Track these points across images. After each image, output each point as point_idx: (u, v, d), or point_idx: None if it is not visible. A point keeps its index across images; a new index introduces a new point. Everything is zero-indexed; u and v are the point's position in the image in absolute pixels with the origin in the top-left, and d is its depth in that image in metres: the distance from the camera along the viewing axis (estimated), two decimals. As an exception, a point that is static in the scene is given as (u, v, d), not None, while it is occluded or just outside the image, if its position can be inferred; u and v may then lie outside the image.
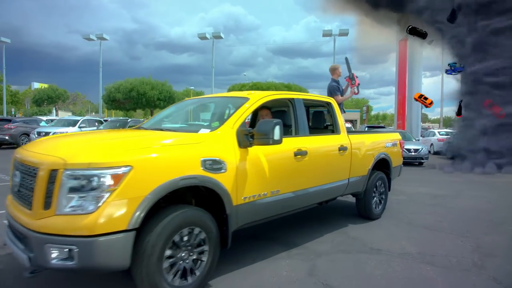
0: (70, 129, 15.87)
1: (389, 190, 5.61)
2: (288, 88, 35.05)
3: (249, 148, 3.18)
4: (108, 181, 2.28)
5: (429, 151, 16.71)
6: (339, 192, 4.59)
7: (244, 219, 3.21)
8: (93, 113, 67.72)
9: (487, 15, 12.46)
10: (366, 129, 18.01)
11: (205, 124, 3.51)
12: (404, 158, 13.33)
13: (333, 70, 6.30)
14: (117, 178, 2.31)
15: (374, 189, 5.15)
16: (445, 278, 3.37)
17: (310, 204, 4.19)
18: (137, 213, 2.37)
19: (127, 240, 2.35)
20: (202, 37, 33.69)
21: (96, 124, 18.14)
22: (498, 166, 11.84)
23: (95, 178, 2.27)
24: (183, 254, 2.72)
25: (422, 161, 13.94)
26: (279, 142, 3.12)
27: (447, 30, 13.82)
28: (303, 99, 4.25)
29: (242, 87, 37.74)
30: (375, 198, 5.20)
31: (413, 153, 13.67)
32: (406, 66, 22.24)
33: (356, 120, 41.68)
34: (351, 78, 6.04)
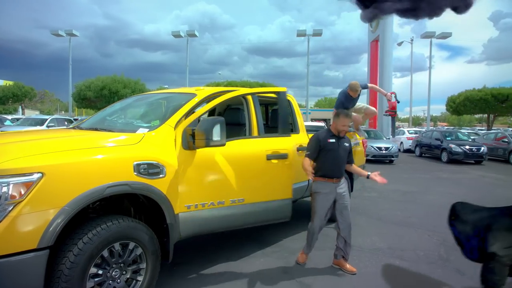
0: (38, 128, 15.06)
1: (351, 190, 5.48)
2: (263, 87, 34.64)
3: (198, 150, 2.89)
4: (11, 191, 1.94)
5: (399, 149, 17.03)
6: (300, 194, 4.38)
7: (188, 229, 2.90)
8: (63, 111, 65.31)
9: None
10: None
11: (145, 123, 3.18)
12: (375, 156, 13.71)
13: (354, 88, 5.31)
14: (23, 188, 1.97)
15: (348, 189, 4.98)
16: (413, 272, 3.55)
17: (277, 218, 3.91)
18: (51, 228, 2.04)
19: (38, 261, 2.02)
20: (176, 35, 33.05)
21: (66, 123, 17.27)
22: None
23: None
24: (113, 273, 2.40)
25: (393, 159, 14.15)
26: (219, 143, 2.83)
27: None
28: (259, 96, 3.99)
29: (217, 86, 37.08)
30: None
31: (383, 151, 13.82)
32: (377, 66, 22.59)
33: (329, 119, 42.26)
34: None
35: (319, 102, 74.68)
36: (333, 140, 3.43)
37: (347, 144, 3.53)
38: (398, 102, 5.59)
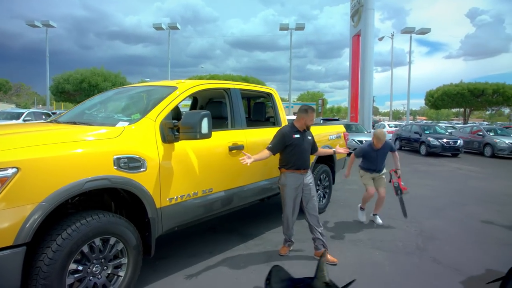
0: (13, 122, 14.50)
1: (333, 183, 5.57)
2: (246, 81, 34.86)
3: (175, 143, 2.89)
4: (-17, 186, 1.87)
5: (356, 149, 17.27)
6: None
7: (170, 222, 2.90)
8: (40, 105, 63.33)
9: None
10: (321, 121, 18.29)
11: (125, 117, 3.13)
12: (355, 149, 13.86)
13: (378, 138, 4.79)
14: (-3, 183, 1.90)
15: (318, 183, 5.06)
16: (391, 261, 3.64)
17: (250, 202, 3.97)
18: (27, 225, 1.99)
19: (15, 258, 1.96)
20: (158, 28, 32.45)
21: (43, 117, 16.70)
22: None
23: None
24: (94, 269, 2.37)
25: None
26: (207, 136, 2.85)
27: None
28: (241, 90, 4.00)
29: (199, 80, 36.61)
30: (319, 191, 5.11)
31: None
32: (358, 61, 22.83)
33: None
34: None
35: (302, 96, 75.03)
36: (298, 136, 3.62)
37: (310, 137, 3.78)
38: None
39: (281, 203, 3.71)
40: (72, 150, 2.26)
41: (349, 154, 5.03)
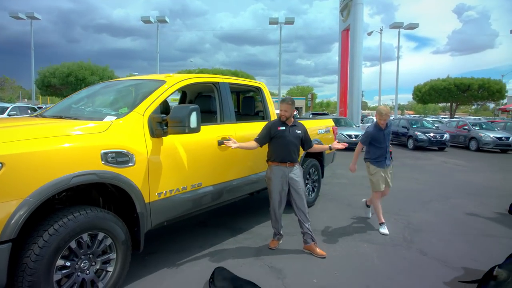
0: (-2, 117, 14.17)
1: (322, 177, 5.62)
2: (235, 75, 34.72)
3: (164, 138, 2.87)
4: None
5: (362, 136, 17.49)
6: None
7: (159, 217, 2.89)
8: (26, 99, 62.01)
9: None
10: (311, 116, 18.39)
11: (113, 111, 3.09)
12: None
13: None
14: (-20, 179, 1.86)
15: (307, 177, 5.10)
16: (379, 254, 3.70)
17: (239, 196, 3.98)
18: (13, 221, 1.96)
19: (0, 255, 1.94)
20: (146, 21, 31.99)
21: (29, 111, 16.35)
22: None
23: None
24: (82, 264, 2.35)
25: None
26: (196, 130, 2.84)
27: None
28: (230, 84, 3.98)
29: (188, 73, 36.26)
30: (308, 185, 5.15)
31: (353, 139, 14.16)
32: (347, 56, 22.91)
33: (301, 107, 42.80)
34: None
35: (292, 91, 75.15)
36: (283, 128, 3.63)
37: (299, 131, 3.71)
38: None
39: (268, 196, 3.74)
40: (58, 145, 2.22)
41: (346, 149, 4.87)
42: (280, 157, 3.61)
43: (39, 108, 18.25)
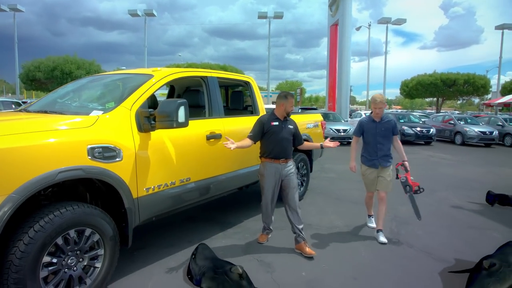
0: (-19, 112, 13.70)
1: (310, 171, 5.65)
2: (224, 69, 34.54)
3: (152, 132, 2.85)
4: None
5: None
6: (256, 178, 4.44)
7: (147, 212, 2.88)
8: (10, 94, 60.60)
9: None
10: (300, 110, 18.43)
11: (99, 105, 3.04)
12: (333, 138, 13.97)
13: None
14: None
15: (296, 171, 5.11)
16: (367, 246, 3.75)
17: (227, 190, 3.98)
18: None
19: None
20: (133, 14, 31.60)
21: (13, 106, 15.96)
22: None
23: None
24: (69, 261, 2.32)
25: (350, 140, 14.62)
26: (184, 124, 2.82)
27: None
28: (218, 78, 3.96)
29: (177, 68, 35.86)
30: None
31: (342, 133, 14.28)
32: (336, 50, 23.01)
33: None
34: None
35: (281, 85, 75.16)
36: (276, 123, 3.56)
37: (291, 126, 3.65)
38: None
39: (260, 191, 3.73)
40: (43, 140, 2.18)
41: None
42: (273, 153, 3.54)
43: (24, 102, 17.86)
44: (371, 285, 2.94)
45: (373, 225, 4.22)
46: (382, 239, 3.87)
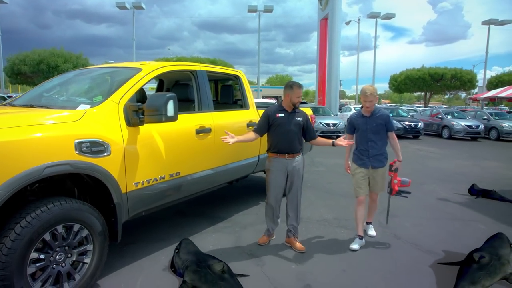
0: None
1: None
2: (214, 63, 34.26)
3: (140, 127, 2.82)
4: None
5: (346, 125, 17.79)
6: (249, 170, 4.45)
7: (137, 207, 2.86)
8: (-6, 88, 59.23)
9: None
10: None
11: (86, 99, 3.00)
12: (323, 132, 14.18)
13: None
14: None
15: (303, 167, 5.12)
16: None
17: (217, 184, 3.98)
18: None
19: None
20: (121, 7, 31.09)
21: (-2, 100, 15.64)
22: None
23: None
24: (57, 257, 2.30)
25: (340, 134, 14.75)
26: (173, 119, 2.79)
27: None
28: (208, 72, 3.93)
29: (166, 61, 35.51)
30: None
31: (331, 127, 14.37)
32: (326, 45, 23.05)
33: (280, 96, 42.98)
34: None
35: (271, 79, 75.14)
36: (282, 115, 3.37)
37: (300, 119, 3.42)
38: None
39: (252, 187, 3.69)
40: (29, 135, 2.13)
41: (324, 137, 4.52)
42: (278, 147, 3.36)
43: (9, 97, 17.50)
44: (360, 277, 2.99)
45: (356, 246, 3.54)
46: (371, 232, 3.86)
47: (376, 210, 3.98)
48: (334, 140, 3.52)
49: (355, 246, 3.53)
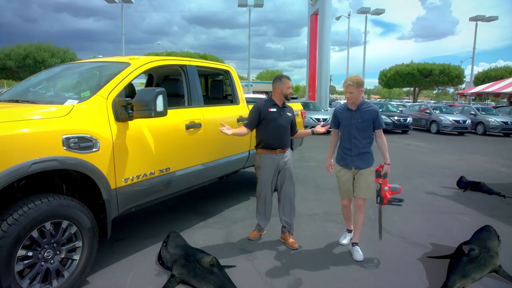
0: None
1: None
2: (204, 58, 34.01)
3: (129, 122, 2.79)
4: None
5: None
6: (240, 166, 4.45)
7: (126, 203, 2.84)
8: (-22, 83, 57.93)
9: None
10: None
11: (74, 94, 2.95)
12: (313, 127, 14.22)
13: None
14: None
15: (293, 161, 5.14)
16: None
17: (208, 180, 3.97)
18: None
19: None
20: (110, 0, 30.48)
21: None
22: None
23: None
24: (45, 254, 2.27)
25: (330, 129, 14.81)
26: (163, 114, 2.77)
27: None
28: (198, 66, 3.91)
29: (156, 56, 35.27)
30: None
31: (322, 122, 14.42)
32: (316, 40, 23.05)
33: (271, 91, 42.96)
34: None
35: (261, 75, 75.01)
36: (274, 109, 3.35)
37: (289, 114, 3.44)
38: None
39: (243, 182, 3.70)
40: (15, 130, 2.09)
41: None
42: (269, 142, 3.33)
43: (-6, 92, 17.09)
44: (350, 271, 3.03)
45: (346, 241, 3.53)
46: (358, 256, 3.19)
47: (363, 223, 3.42)
48: (313, 128, 3.61)
49: (344, 240, 3.56)
